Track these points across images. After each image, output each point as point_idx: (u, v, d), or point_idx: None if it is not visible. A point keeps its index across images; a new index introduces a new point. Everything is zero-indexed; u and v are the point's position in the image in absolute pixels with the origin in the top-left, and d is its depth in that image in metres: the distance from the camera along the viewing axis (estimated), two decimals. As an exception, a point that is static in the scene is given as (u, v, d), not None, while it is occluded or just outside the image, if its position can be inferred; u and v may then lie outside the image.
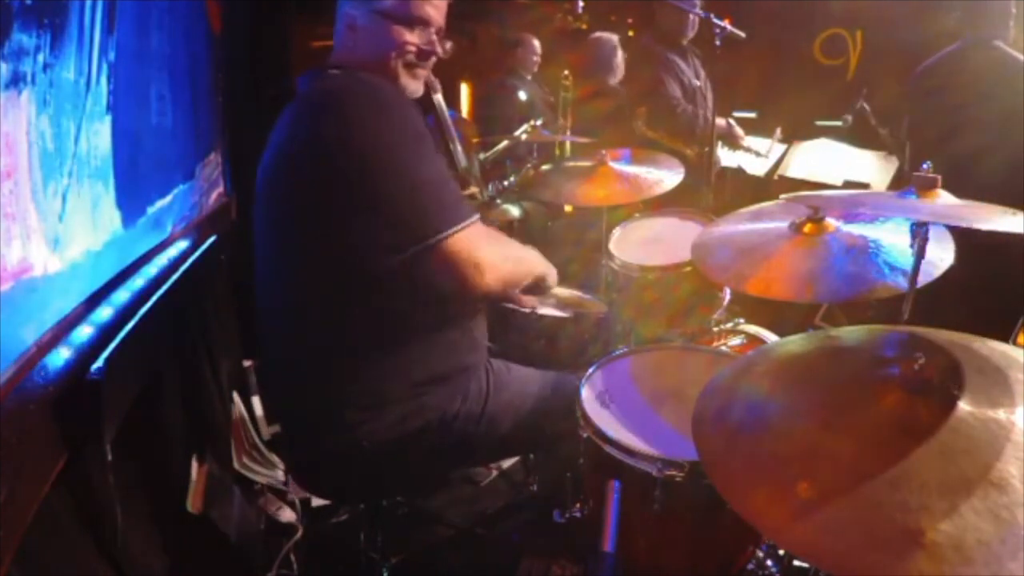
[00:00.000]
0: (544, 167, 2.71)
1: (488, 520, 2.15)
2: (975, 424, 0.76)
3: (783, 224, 1.39)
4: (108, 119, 1.35)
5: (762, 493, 0.78)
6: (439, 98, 2.75)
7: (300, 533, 2.01)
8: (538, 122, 3.14)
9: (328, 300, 1.31)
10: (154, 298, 1.48)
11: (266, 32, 2.71)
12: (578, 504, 1.48)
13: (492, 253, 1.31)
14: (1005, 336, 1.98)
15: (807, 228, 1.35)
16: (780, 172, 3.23)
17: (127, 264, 1.46)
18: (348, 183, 1.23)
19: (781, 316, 2.12)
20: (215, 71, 2.28)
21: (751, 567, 1.33)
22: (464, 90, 5.06)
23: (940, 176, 1.12)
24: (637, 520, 1.24)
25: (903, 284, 1.17)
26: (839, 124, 3.19)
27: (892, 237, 1.28)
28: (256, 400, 2.39)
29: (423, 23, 1.40)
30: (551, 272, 1.58)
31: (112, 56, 1.35)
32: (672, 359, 1.57)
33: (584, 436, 1.33)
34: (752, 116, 3.87)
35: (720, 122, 3.28)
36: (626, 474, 1.21)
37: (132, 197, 1.47)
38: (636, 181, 2.12)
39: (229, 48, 2.37)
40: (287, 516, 2.09)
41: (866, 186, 2.93)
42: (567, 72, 3.80)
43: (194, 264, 1.83)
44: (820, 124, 3.51)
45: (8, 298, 0.94)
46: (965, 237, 1.17)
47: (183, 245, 1.82)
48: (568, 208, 3.54)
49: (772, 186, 3.22)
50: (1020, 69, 2.39)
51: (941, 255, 1.23)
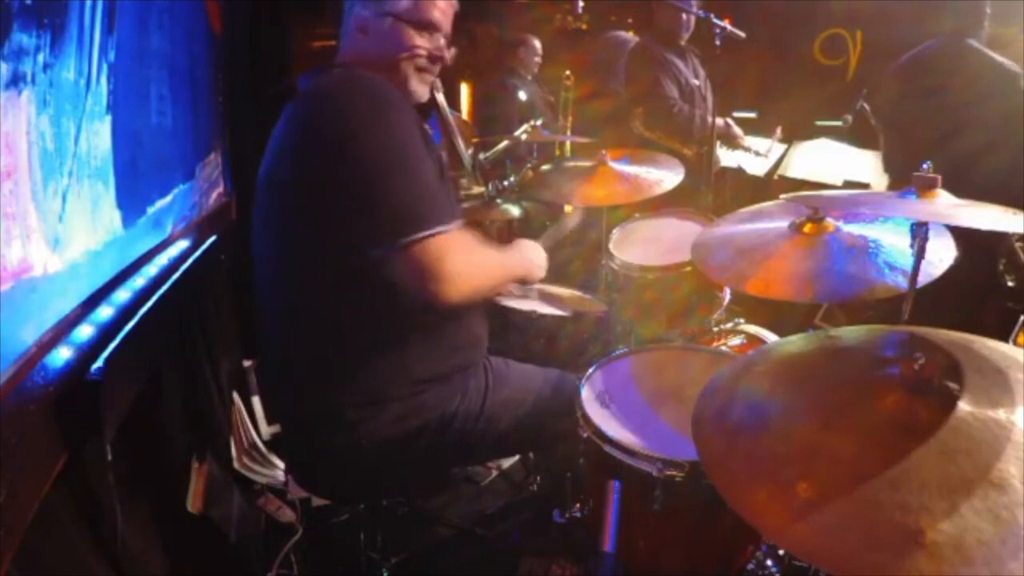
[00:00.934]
0: (544, 167, 2.71)
1: (488, 520, 2.15)
2: (975, 424, 0.76)
3: (783, 224, 1.39)
4: (108, 119, 1.35)
5: (762, 493, 0.78)
6: (441, 98, 2.75)
7: (300, 533, 2.01)
8: (538, 122, 3.14)
9: (324, 299, 1.31)
10: (154, 298, 1.49)
11: (266, 32, 2.71)
12: (578, 504, 1.48)
13: (460, 263, 1.25)
14: (1005, 336, 1.98)
15: (807, 228, 1.35)
16: (780, 172, 3.23)
17: (127, 264, 1.46)
18: (337, 180, 1.23)
19: (781, 316, 2.12)
20: (215, 71, 2.27)
21: (751, 567, 1.33)
22: (464, 90, 5.06)
23: (940, 176, 1.12)
24: (637, 520, 1.24)
25: (903, 284, 1.17)
26: (839, 124, 3.19)
27: (892, 237, 1.28)
28: (256, 400, 2.39)
29: (433, 27, 1.42)
30: (533, 272, 1.56)
31: (112, 56, 1.35)
32: (672, 359, 1.57)
33: (584, 436, 1.33)
34: (752, 116, 3.87)
35: (719, 122, 3.28)
36: (626, 474, 1.21)
37: (132, 197, 1.47)
38: (636, 181, 2.12)
39: (229, 48, 2.37)
40: (287, 516, 2.09)
41: (866, 186, 2.93)
42: (568, 72, 3.80)
43: (194, 264, 1.83)
44: (820, 124, 3.51)
45: (8, 298, 0.94)
46: (966, 236, 1.17)
47: (183, 245, 1.82)
48: (568, 208, 3.54)
49: (772, 186, 3.22)
50: (1011, 71, 2.39)
51: (941, 255, 1.23)
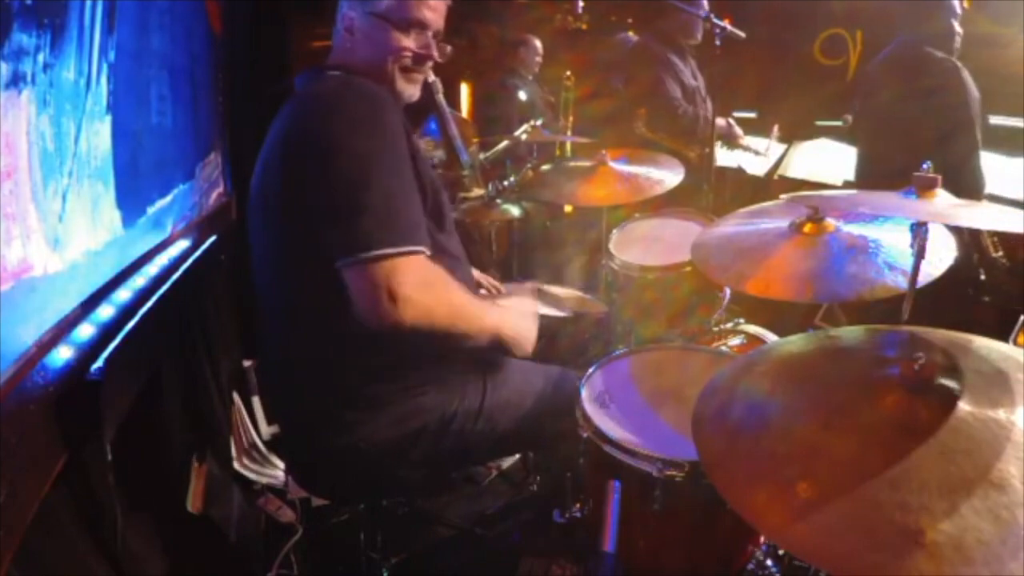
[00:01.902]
0: (544, 167, 2.71)
1: (488, 520, 2.15)
2: (975, 424, 0.76)
3: (783, 224, 1.39)
4: (108, 119, 1.35)
5: (762, 493, 0.78)
6: (440, 99, 2.74)
7: (300, 533, 2.01)
8: (538, 122, 3.14)
9: (322, 300, 1.30)
10: (154, 298, 1.49)
11: (266, 32, 2.71)
12: (578, 504, 1.48)
13: (418, 289, 1.18)
14: (1005, 336, 1.98)
15: (807, 228, 1.35)
16: (780, 172, 3.24)
17: (127, 264, 1.46)
18: (319, 185, 1.21)
19: (781, 316, 2.12)
20: (215, 71, 2.28)
21: (751, 567, 1.33)
22: (464, 90, 5.06)
23: (940, 176, 1.13)
24: (637, 520, 1.24)
25: (903, 284, 1.17)
26: (839, 124, 3.19)
27: (892, 237, 1.28)
28: (256, 400, 2.39)
29: (420, 26, 1.39)
30: (522, 342, 1.40)
31: (112, 56, 1.35)
32: (672, 359, 1.57)
33: (584, 436, 1.33)
34: (752, 116, 3.88)
35: (720, 122, 3.28)
36: (626, 474, 1.21)
37: (132, 197, 1.47)
38: (636, 181, 2.12)
39: (229, 48, 2.37)
40: (287, 516, 2.09)
41: (866, 186, 2.93)
42: (569, 72, 3.80)
43: (194, 264, 1.83)
44: (820, 124, 3.51)
45: (8, 298, 0.94)
46: (960, 238, 1.18)
47: (183, 245, 1.82)
48: (568, 208, 3.54)
49: (772, 186, 3.22)
50: (947, 68, 2.41)
51: (941, 255, 1.23)
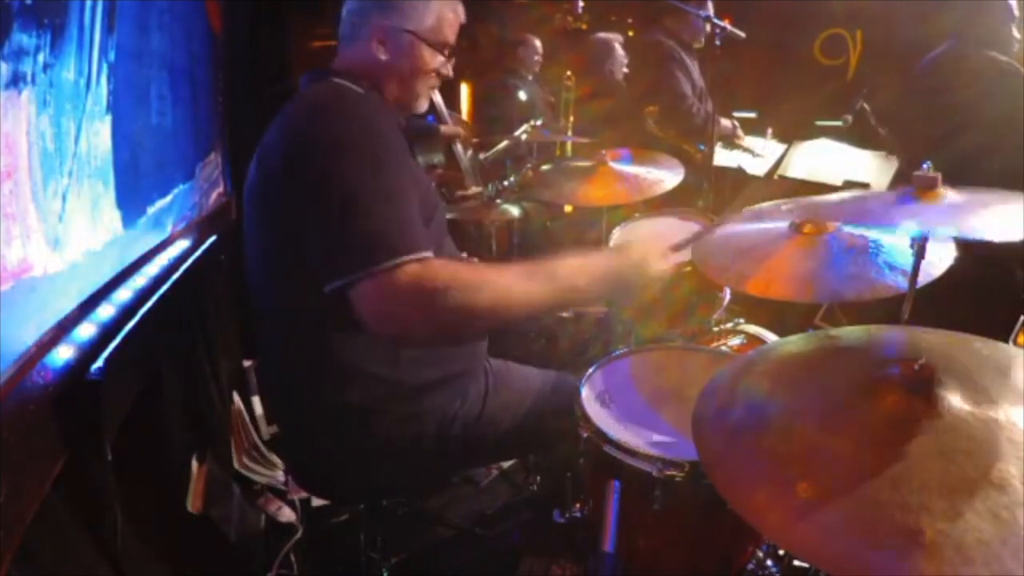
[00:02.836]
0: (544, 167, 2.71)
1: (488, 520, 2.15)
2: (975, 424, 0.76)
3: (783, 224, 1.39)
4: (108, 119, 1.35)
5: (762, 493, 0.78)
6: (437, 97, 2.75)
7: (300, 533, 2.01)
8: (538, 122, 3.14)
9: (317, 303, 1.29)
10: (154, 298, 1.48)
11: (266, 32, 2.71)
12: (578, 504, 1.48)
13: (423, 297, 1.13)
14: (1005, 336, 1.98)
15: (807, 228, 1.34)
16: (780, 172, 3.23)
17: (127, 264, 1.46)
18: (303, 192, 1.19)
19: (781, 316, 2.12)
20: (215, 71, 2.28)
21: (751, 567, 1.33)
22: (464, 90, 5.06)
23: (940, 176, 1.13)
24: (637, 520, 1.24)
25: (903, 284, 1.17)
26: (839, 124, 3.19)
27: (892, 237, 1.28)
28: (256, 400, 2.39)
29: (449, 48, 1.42)
30: (616, 283, 1.40)
31: (112, 56, 1.35)
32: (672, 359, 1.57)
33: (584, 436, 1.33)
34: (752, 116, 3.87)
35: (725, 123, 3.28)
36: (626, 474, 1.21)
37: (132, 197, 1.47)
38: (636, 181, 2.12)
39: (229, 48, 2.37)
40: (287, 516, 2.09)
41: (866, 186, 2.93)
42: (569, 72, 3.80)
43: (194, 264, 1.83)
44: (820, 124, 3.51)
45: (8, 298, 0.94)
46: (1007, 253, 1.17)
47: (183, 245, 1.82)
48: (568, 208, 3.54)
49: (772, 186, 3.22)
50: (1013, 74, 2.39)
51: (941, 255, 1.23)
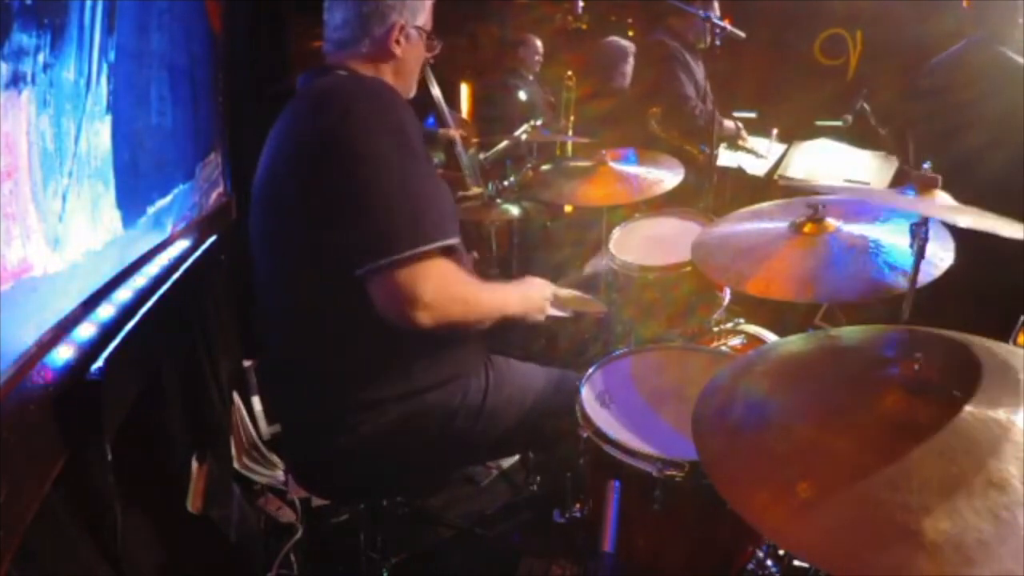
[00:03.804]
0: (544, 167, 2.71)
1: (488, 520, 2.15)
2: (975, 424, 0.76)
3: (783, 224, 1.39)
4: (108, 119, 1.34)
5: (762, 493, 0.78)
6: (437, 93, 2.74)
7: (300, 533, 2.01)
8: (538, 122, 3.14)
9: (323, 301, 1.30)
10: (154, 298, 1.48)
11: (266, 32, 2.71)
12: (578, 504, 1.48)
13: (440, 291, 1.22)
14: (1005, 336, 1.98)
15: (807, 228, 1.35)
16: (780, 172, 3.23)
17: (127, 264, 1.46)
18: (335, 188, 1.22)
19: (781, 316, 2.12)
20: (215, 71, 2.27)
21: (751, 567, 1.33)
22: (464, 90, 5.06)
23: (940, 176, 1.13)
24: (637, 520, 1.24)
25: (903, 284, 1.17)
26: (839, 124, 3.18)
27: (892, 237, 1.28)
28: (256, 400, 2.39)
29: (433, 33, 1.52)
30: (532, 314, 1.51)
31: (112, 56, 1.34)
32: (672, 359, 1.57)
33: (584, 436, 1.33)
34: (752, 116, 3.87)
35: (730, 124, 3.28)
36: (626, 474, 1.21)
37: (132, 197, 1.47)
38: (636, 181, 2.12)
39: (229, 48, 2.37)
40: (287, 516, 2.09)
41: (866, 186, 2.93)
42: (570, 72, 3.80)
43: (194, 264, 1.83)
44: (820, 124, 3.51)
45: (8, 298, 0.94)
46: (965, 236, 1.18)
47: (183, 245, 1.82)
48: (568, 208, 3.54)
49: (772, 186, 3.22)
50: (1019, 70, 2.39)
51: (941, 255, 1.23)
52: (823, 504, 0.73)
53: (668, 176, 2.11)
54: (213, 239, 2.08)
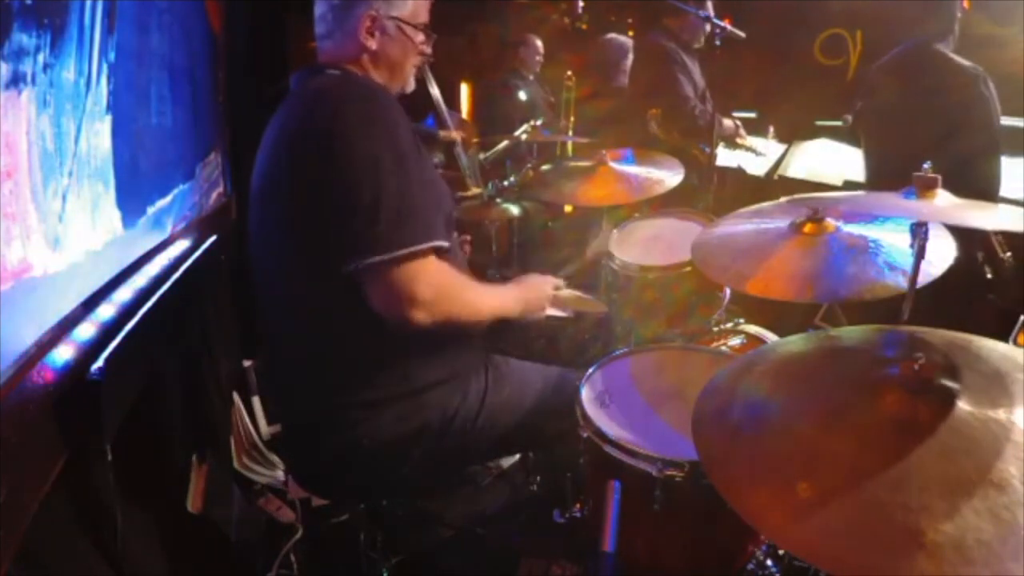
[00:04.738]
0: (544, 167, 2.71)
1: (488, 520, 2.15)
2: (975, 424, 0.76)
3: (783, 224, 1.39)
4: (108, 119, 1.34)
5: (762, 493, 0.78)
6: (436, 93, 2.74)
7: (300, 533, 2.01)
8: (538, 122, 3.14)
9: (320, 300, 1.31)
10: (154, 298, 1.48)
11: (266, 32, 2.71)
12: (578, 504, 1.48)
13: (435, 289, 1.23)
14: (1005, 336, 1.98)
15: (807, 228, 1.35)
16: (780, 172, 3.23)
17: (127, 264, 1.46)
18: (329, 186, 1.22)
19: (781, 316, 2.11)
20: (215, 71, 2.28)
21: (751, 567, 1.33)
22: (464, 90, 5.06)
23: (940, 176, 1.13)
24: (637, 520, 1.23)
25: (903, 284, 1.17)
26: (839, 124, 3.19)
27: (892, 237, 1.28)
28: (256, 400, 2.39)
29: (426, 27, 1.48)
30: (532, 311, 1.52)
31: (112, 56, 1.34)
32: (672, 359, 1.57)
33: (584, 436, 1.33)
34: (752, 116, 3.87)
35: (728, 123, 3.28)
36: (626, 474, 1.21)
37: (132, 197, 1.47)
38: (636, 181, 2.12)
39: (229, 48, 2.37)
40: (287, 516, 2.09)
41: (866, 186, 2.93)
42: (570, 72, 3.80)
43: (194, 264, 1.82)
44: (820, 124, 3.51)
45: (8, 298, 0.94)
46: (965, 237, 1.18)
47: (183, 245, 1.82)
48: (568, 208, 3.54)
49: (772, 186, 3.22)
50: (957, 70, 2.40)
51: (941, 255, 1.23)
52: (823, 504, 0.73)
53: (668, 176, 2.11)
54: (213, 239, 2.08)
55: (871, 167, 2.78)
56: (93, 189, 1.28)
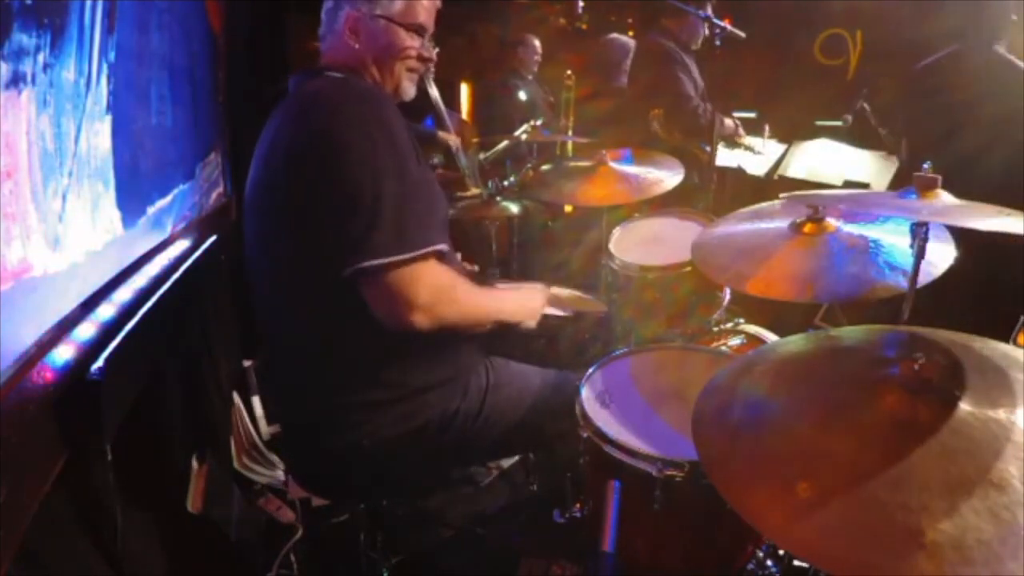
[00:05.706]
0: (544, 167, 2.71)
1: (488, 520, 2.15)
2: (975, 424, 0.76)
3: (783, 224, 1.39)
4: (108, 119, 1.34)
5: (762, 493, 0.78)
6: (435, 93, 2.74)
7: (300, 533, 2.01)
8: (538, 122, 3.14)
9: (318, 302, 1.31)
10: (154, 298, 1.48)
11: (266, 32, 2.71)
12: (578, 504, 1.48)
13: (434, 293, 1.23)
14: (1005, 336, 1.98)
15: (807, 228, 1.35)
16: (780, 172, 3.23)
17: (127, 264, 1.46)
18: (327, 190, 1.22)
19: (781, 316, 2.12)
20: (215, 71, 2.27)
21: (751, 567, 1.33)
22: (464, 90, 5.06)
23: (940, 176, 1.13)
24: (637, 520, 1.24)
25: (903, 284, 1.17)
26: (839, 124, 3.19)
27: (892, 237, 1.28)
28: (256, 400, 2.39)
29: (422, 29, 1.45)
30: (525, 319, 1.50)
31: (112, 56, 1.34)
32: (672, 359, 1.57)
33: (584, 436, 1.33)
34: (752, 116, 3.87)
35: (728, 122, 3.28)
36: (626, 474, 1.21)
37: (132, 197, 1.47)
38: (636, 181, 2.12)
39: (229, 48, 2.37)
40: (287, 516, 2.08)
41: (866, 186, 2.93)
42: (570, 72, 3.80)
43: (194, 264, 1.82)
44: (820, 124, 3.51)
45: (8, 298, 0.94)
46: (965, 237, 1.18)
47: (183, 245, 1.82)
48: (568, 208, 3.54)
49: (772, 186, 3.22)
50: (1017, 72, 2.39)
51: (941, 255, 1.23)
52: (823, 504, 0.73)
53: (668, 176, 2.11)
54: (213, 239, 2.08)
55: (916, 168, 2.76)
56: (93, 189, 1.28)
